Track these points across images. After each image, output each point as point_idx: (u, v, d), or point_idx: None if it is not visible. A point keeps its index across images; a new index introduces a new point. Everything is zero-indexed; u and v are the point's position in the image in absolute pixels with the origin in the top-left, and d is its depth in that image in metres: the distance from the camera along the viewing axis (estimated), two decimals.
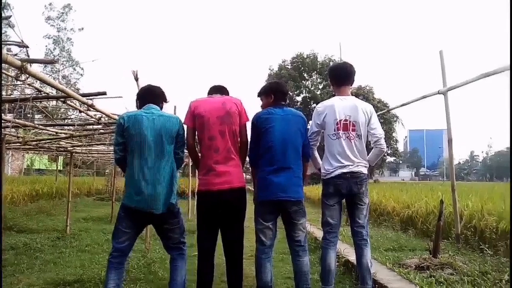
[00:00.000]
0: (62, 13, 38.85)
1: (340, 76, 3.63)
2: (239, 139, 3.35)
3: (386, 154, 31.43)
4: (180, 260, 3.22)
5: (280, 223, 3.37)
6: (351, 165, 3.37)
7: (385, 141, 3.66)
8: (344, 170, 3.36)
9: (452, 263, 4.11)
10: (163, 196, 3.02)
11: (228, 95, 3.57)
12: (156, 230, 3.29)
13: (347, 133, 3.40)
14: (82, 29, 40.10)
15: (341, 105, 3.45)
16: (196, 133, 3.33)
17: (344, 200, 3.55)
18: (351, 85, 3.65)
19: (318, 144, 3.62)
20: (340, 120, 3.40)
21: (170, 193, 3.07)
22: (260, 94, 3.63)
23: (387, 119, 30.49)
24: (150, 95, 3.34)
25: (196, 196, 3.49)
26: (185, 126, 3.34)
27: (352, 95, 3.66)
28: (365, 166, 3.47)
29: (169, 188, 3.07)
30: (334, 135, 3.41)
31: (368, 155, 3.56)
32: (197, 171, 4.86)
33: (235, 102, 3.32)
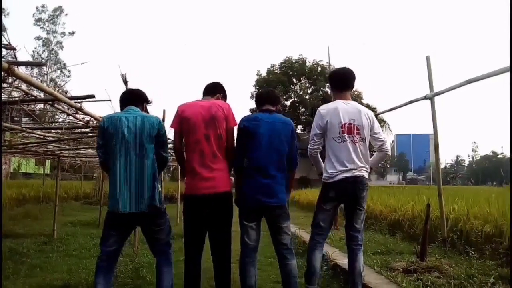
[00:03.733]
0: (53, 15, 38.63)
1: (341, 81, 3.66)
2: (225, 143, 3.31)
3: None
4: (167, 265, 3.21)
5: (266, 227, 3.38)
6: (355, 169, 3.36)
7: None
8: (348, 175, 3.34)
9: (439, 266, 4.16)
10: (145, 196, 3.01)
11: (222, 92, 3.56)
12: (143, 232, 3.27)
13: (352, 137, 3.39)
14: (73, 33, 39.82)
15: (345, 109, 3.45)
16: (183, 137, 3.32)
17: (342, 205, 3.55)
18: (351, 90, 3.68)
19: (321, 147, 3.54)
20: (345, 124, 3.40)
21: (152, 193, 3.04)
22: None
23: None
24: (129, 98, 3.35)
25: (182, 200, 3.49)
26: (172, 129, 3.33)
27: None
28: (367, 171, 3.46)
29: (150, 188, 3.04)
30: (339, 138, 3.39)
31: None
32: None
33: (222, 106, 3.28)
